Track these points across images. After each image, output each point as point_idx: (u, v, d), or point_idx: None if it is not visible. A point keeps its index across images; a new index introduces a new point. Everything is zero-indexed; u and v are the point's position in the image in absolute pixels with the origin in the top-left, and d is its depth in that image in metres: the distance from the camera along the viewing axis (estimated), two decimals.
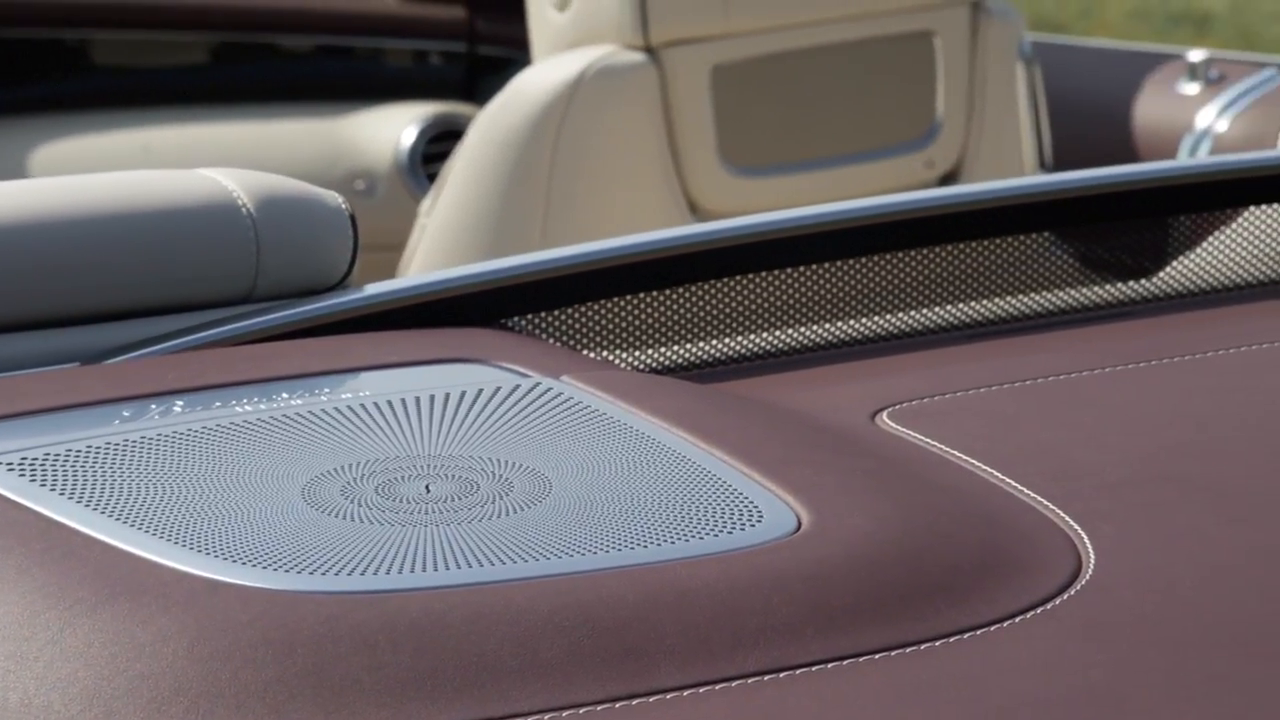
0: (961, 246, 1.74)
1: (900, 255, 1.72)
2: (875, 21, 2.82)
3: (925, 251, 1.73)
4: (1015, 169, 2.88)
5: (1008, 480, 1.31)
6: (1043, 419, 1.42)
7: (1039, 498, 1.28)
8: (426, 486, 1.23)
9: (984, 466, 1.33)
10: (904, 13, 2.82)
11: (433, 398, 1.36)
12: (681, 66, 2.71)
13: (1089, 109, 2.98)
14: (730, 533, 1.19)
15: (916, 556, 1.18)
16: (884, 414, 1.42)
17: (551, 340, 1.64)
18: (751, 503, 1.23)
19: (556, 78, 2.67)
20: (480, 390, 1.37)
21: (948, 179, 2.89)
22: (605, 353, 1.65)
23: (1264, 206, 1.78)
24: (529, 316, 1.62)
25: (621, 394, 1.38)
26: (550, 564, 1.14)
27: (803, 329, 1.67)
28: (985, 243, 1.75)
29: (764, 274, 1.68)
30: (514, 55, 3.38)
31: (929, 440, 1.37)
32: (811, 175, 2.81)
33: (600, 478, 1.25)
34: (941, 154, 2.87)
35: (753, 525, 1.20)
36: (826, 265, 1.70)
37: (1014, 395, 1.46)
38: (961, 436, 1.38)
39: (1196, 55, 2.92)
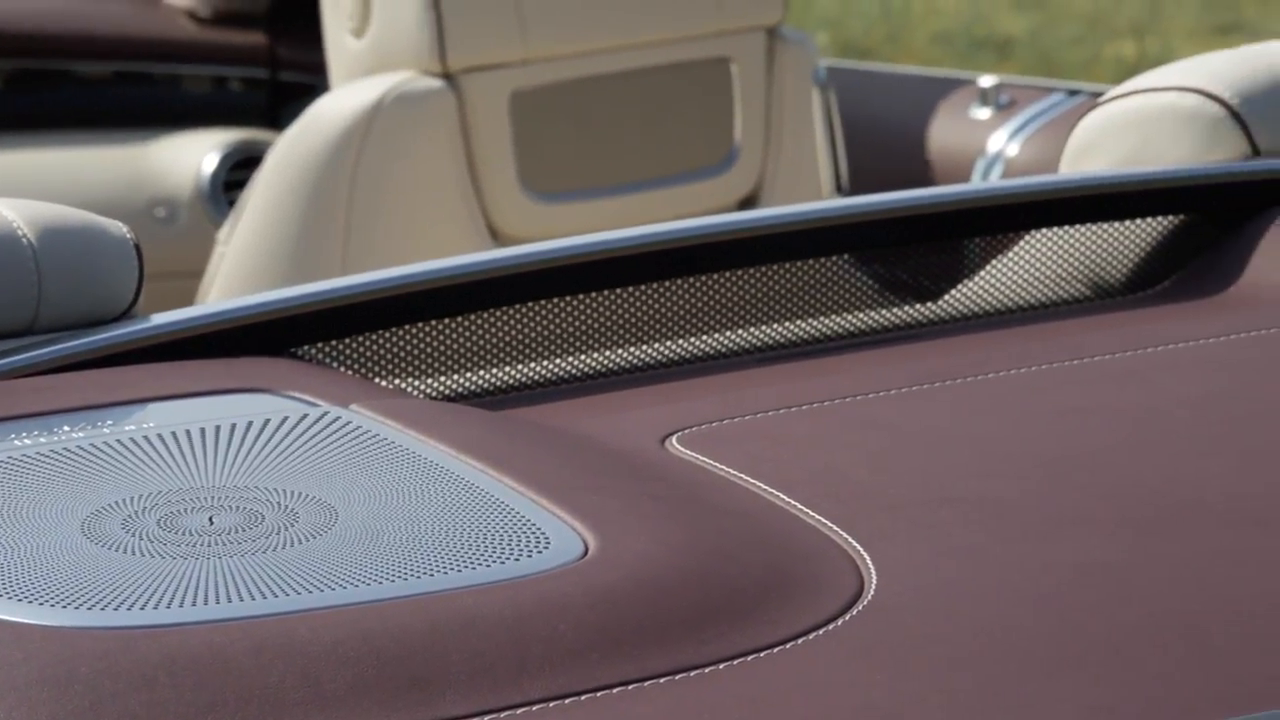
0: (757, 271, 1.76)
1: (697, 279, 1.74)
2: (673, 48, 2.84)
3: (721, 276, 1.74)
4: (812, 193, 2.91)
5: (793, 503, 1.32)
6: (829, 441, 1.44)
7: (823, 519, 1.30)
8: (210, 518, 1.22)
9: (770, 489, 1.34)
10: (701, 39, 2.85)
11: (218, 428, 1.35)
12: (480, 92, 2.71)
13: (884, 133, 3.02)
14: (518, 560, 1.19)
15: (701, 580, 1.19)
16: (674, 438, 1.43)
17: (345, 369, 1.63)
18: (539, 529, 1.23)
19: (354, 104, 2.66)
20: (267, 420, 1.37)
21: (746, 204, 2.91)
22: (400, 381, 1.65)
23: (1047, 230, 1.82)
24: (322, 345, 1.61)
25: (411, 422, 1.38)
26: (335, 594, 1.14)
27: (597, 354, 1.68)
28: (781, 266, 1.77)
29: (561, 299, 1.69)
30: (316, 81, 3.37)
31: (717, 464, 1.39)
32: (612, 201, 2.83)
33: (388, 507, 1.25)
34: (740, 179, 2.90)
35: (540, 552, 1.20)
36: (624, 290, 1.71)
37: (802, 418, 1.48)
38: (749, 460, 1.39)
39: (987, 80, 2.97)
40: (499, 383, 1.64)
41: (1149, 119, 1.88)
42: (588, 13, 2.78)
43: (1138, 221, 1.83)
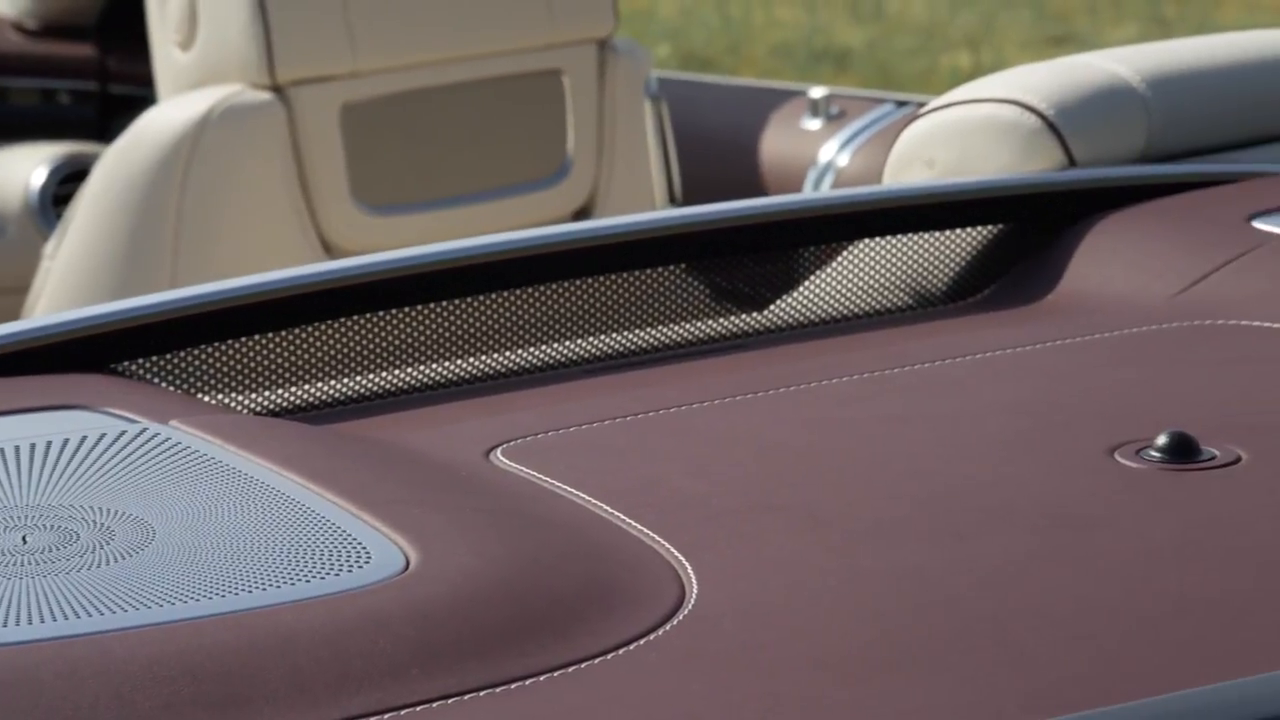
0: (590, 281, 1.76)
1: (529, 291, 1.74)
2: (504, 60, 2.84)
3: (554, 287, 1.75)
4: (645, 204, 2.92)
5: (616, 513, 1.33)
6: (653, 452, 1.45)
7: (646, 530, 1.30)
8: (23, 537, 1.21)
9: (593, 500, 1.35)
10: (532, 51, 2.85)
11: (33, 446, 1.33)
12: (310, 105, 2.70)
13: (717, 144, 3.04)
14: (338, 575, 1.19)
15: (522, 592, 1.19)
16: (498, 451, 1.43)
17: (168, 385, 1.62)
18: (360, 544, 1.23)
19: (181, 117, 2.64)
20: (84, 437, 1.35)
21: (579, 215, 2.92)
22: (225, 396, 1.63)
23: (872, 239, 1.83)
24: (144, 361, 1.60)
25: (232, 438, 1.37)
26: (151, 613, 1.13)
27: (425, 367, 1.68)
28: (614, 277, 1.77)
29: (390, 312, 1.68)
30: (147, 94, 3.34)
31: (540, 476, 1.39)
32: (445, 213, 2.82)
33: (206, 524, 1.24)
34: (573, 191, 2.91)
35: (361, 566, 1.20)
36: (454, 302, 1.70)
37: (626, 429, 1.49)
38: (572, 471, 1.40)
39: (818, 92, 2.99)
40: (325, 397, 1.63)
41: (968, 130, 1.91)
42: (417, 26, 2.78)
43: (958, 231, 1.85)
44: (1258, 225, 1.74)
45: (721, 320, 1.78)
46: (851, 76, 7.09)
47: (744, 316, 1.80)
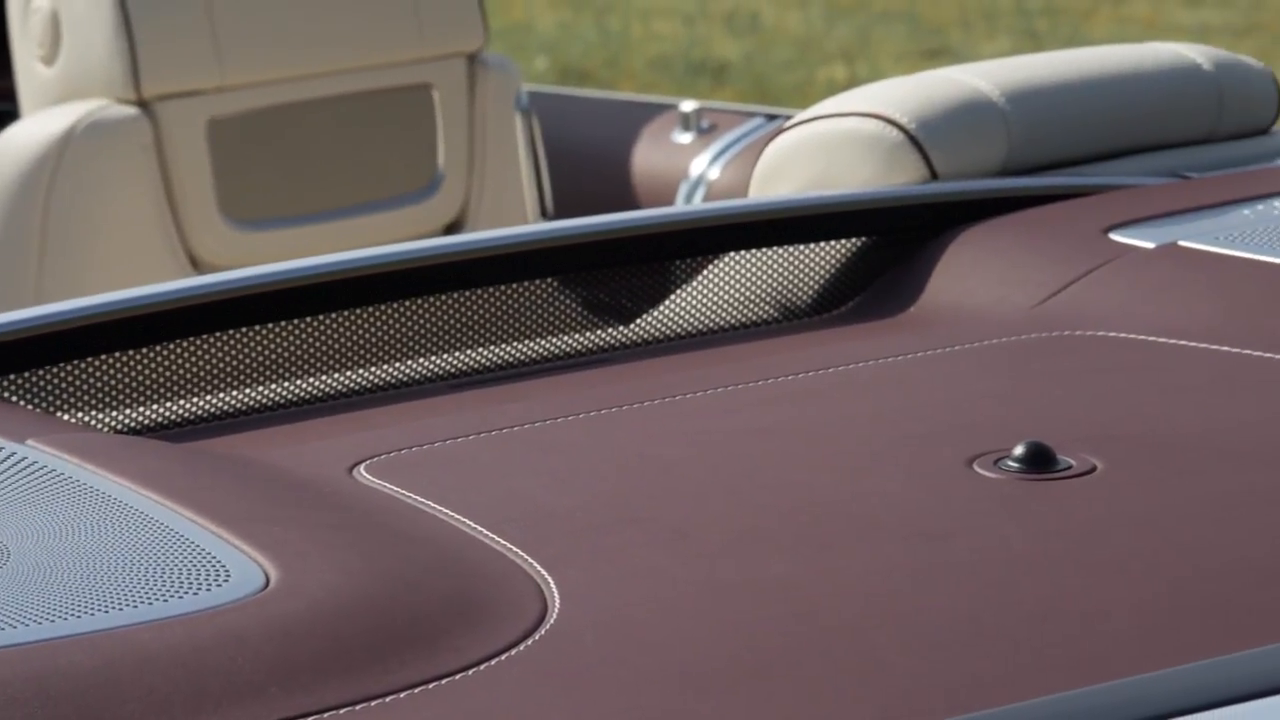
0: (460, 296, 1.76)
1: (399, 305, 1.73)
2: (373, 74, 2.83)
3: (424, 301, 1.74)
4: (517, 218, 2.92)
5: (479, 528, 1.33)
6: (517, 466, 1.45)
7: (509, 544, 1.31)
8: None
9: (457, 515, 1.35)
10: (402, 66, 2.85)
11: None
12: (176, 120, 2.68)
13: (588, 158, 3.05)
14: (197, 593, 1.18)
15: (383, 608, 1.19)
16: (361, 467, 1.43)
17: (26, 404, 1.60)
18: (219, 562, 1.22)
19: (45, 133, 2.62)
20: None
21: (451, 229, 2.92)
22: (86, 414, 1.62)
23: (740, 252, 1.84)
24: (2, 379, 1.58)
25: (90, 457, 1.36)
26: (4, 635, 1.12)
27: (290, 383, 1.67)
28: (486, 291, 1.77)
29: (255, 328, 1.67)
30: (10, 109, 3.30)
31: (404, 491, 1.39)
32: (315, 228, 2.81)
33: (63, 544, 1.23)
34: (444, 205, 2.90)
35: (220, 585, 1.19)
36: (322, 317, 1.70)
37: (491, 444, 1.49)
38: (436, 486, 1.40)
39: (689, 105, 3.00)
40: (190, 414, 1.62)
41: (832, 144, 1.92)
42: (285, 39, 2.77)
43: (823, 244, 1.86)
44: (1114, 237, 1.77)
45: (591, 334, 1.79)
46: (729, 89, 7.12)
47: (613, 330, 1.80)
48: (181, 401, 1.63)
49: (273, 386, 1.66)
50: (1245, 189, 1.86)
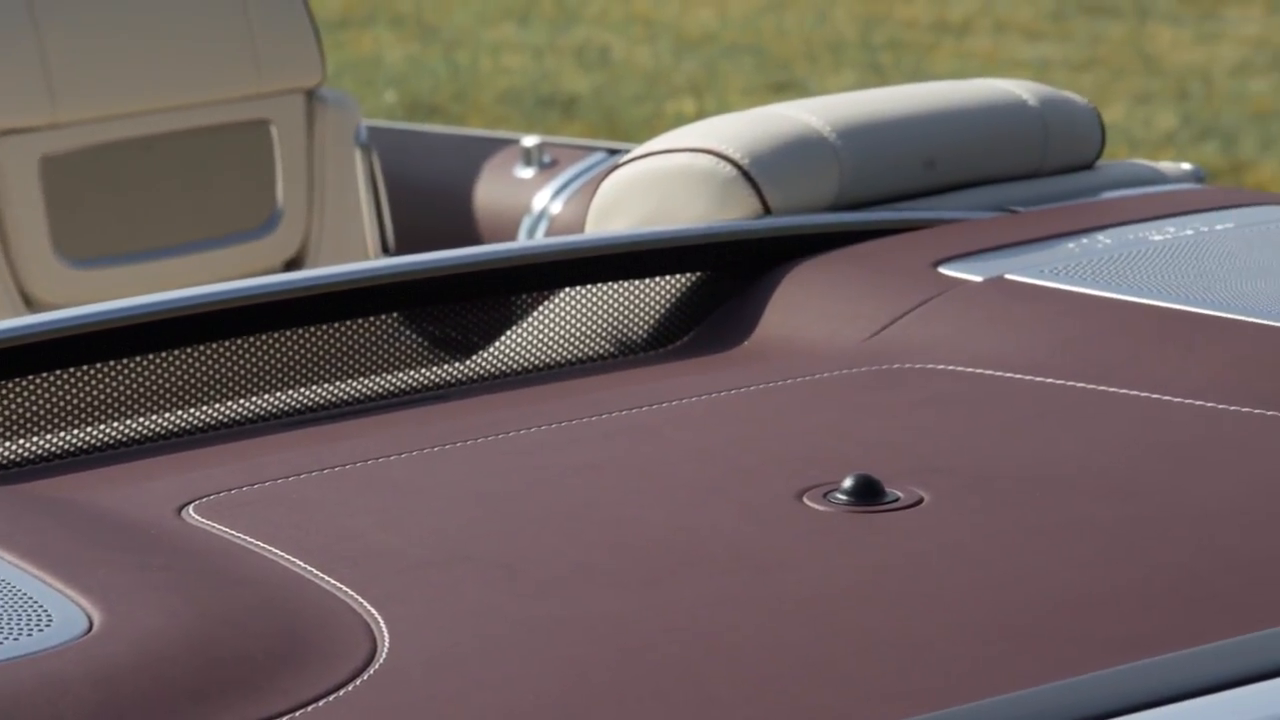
0: (299, 332, 1.75)
1: (237, 343, 1.72)
2: (210, 110, 2.82)
3: (262, 338, 1.73)
4: (358, 254, 2.91)
5: (308, 568, 1.32)
6: (348, 505, 1.44)
7: (338, 584, 1.30)
8: None
9: (286, 555, 1.34)
10: (239, 102, 2.83)
11: None
12: (8, 157, 2.65)
13: (431, 194, 3.04)
14: (17, 638, 1.17)
15: (208, 650, 1.18)
16: (190, 508, 1.42)
17: None
18: (41, 606, 1.21)
19: None
20: None
21: (291, 266, 2.90)
22: None
23: (578, 288, 1.85)
24: None
25: None
26: None
27: (119, 423, 1.65)
28: (324, 328, 1.76)
29: (84, 368, 1.65)
30: None
31: (233, 532, 1.38)
32: (152, 265, 2.79)
33: None
34: (284, 241, 2.89)
35: (41, 629, 1.18)
36: (155, 356, 1.68)
37: (322, 482, 1.48)
38: (265, 526, 1.39)
39: (530, 140, 3.01)
40: (15, 455, 1.60)
41: (666, 179, 1.93)
42: (119, 76, 2.74)
43: (659, 279, 1.87)
44: (943, 271, 1.79)
45: (430, 370, 1.78)
46: (579, 123, 7.14)
47: (452, 366, 1.80)
48: (8, 443, 1.61)
49: (104, 426, 1.64)
50: (1070, 223, 1.89)
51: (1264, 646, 1.20)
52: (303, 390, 1.73)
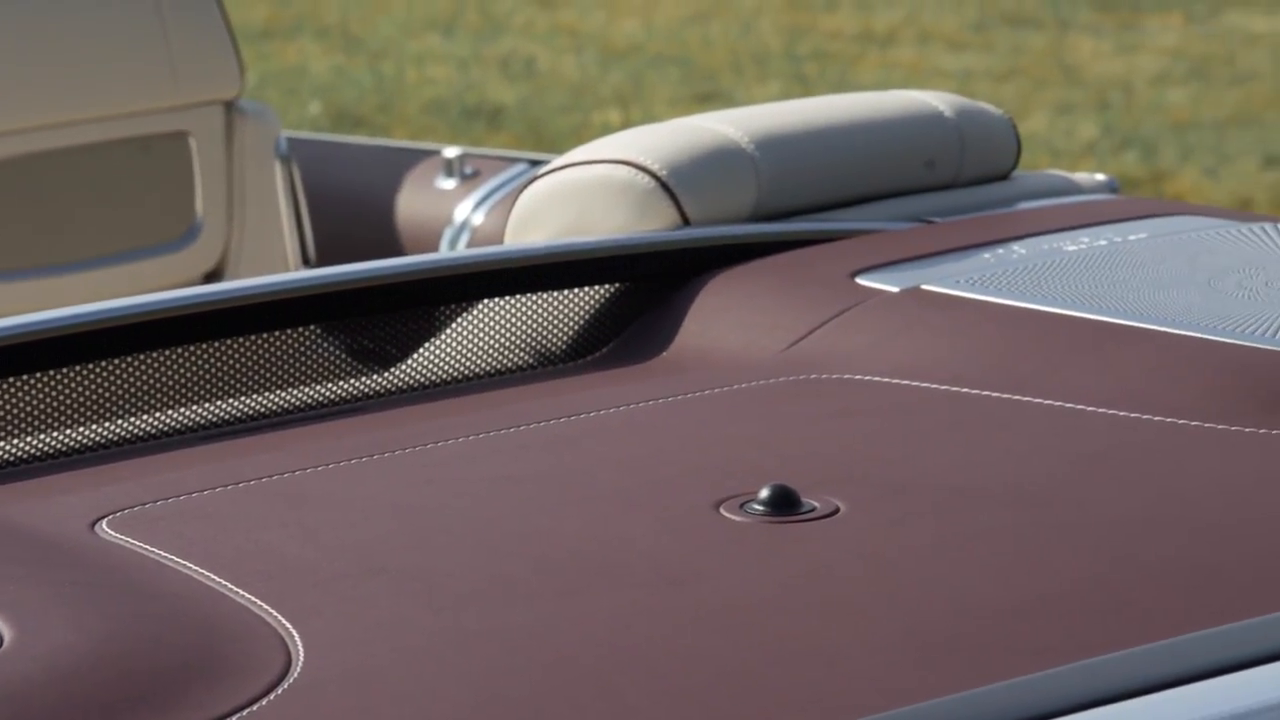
0: (218, 345, 1.74)
1: (155, 355, 1.71)
2: (127, 122, 2.80)
3: (181, 351, 1.72)
4: (279, 265, 2.90)
5: (223, 582, 1.31)
6: (264, 518, 1.44)
7: (253, 598, 1.29)
8: None
9: (199, 570, 1.33)
10: (156, 113, 2.82)
11: None
12: None
13: (352, 205, 3.03)
14: None
15: (122, 666, 1.17)
16: (104, 522, 1.41)
17: None
18: None
19: None
20: None
21: (211, 278, 2.89)
22: None
23: (498, 299, 1.85)
24: None
25: None
26: None
27: (32, 437, 1.64)
28: (243, 340, 1.75)
29: None
30: None
31: (147, 547, 1.37)
32: (69, 278, 2.77)
33: None
34: (203, 254, 2.87)
35: None
36: (72, 369, 1.67)
37: (238, 496, 1.47)
38: (180, 540, 1.38)
39: (452, 152, 3.00)
40: None
41: (585, 190, 1.93)
42: (34, 88, 2.73)
43: (578, 290, 1.87)
44: (860, 281, 1.80)
45: (349, 382, 1.78)
46: (505, 133, 7.14)
47: (371, 378, 1.79)
48: None
49: (16, 441, 1.63)
50: (986, 233, 1.90)
51: (1173, 654, 1.20)
52: (220, 403, 1.72)
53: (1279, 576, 1.32)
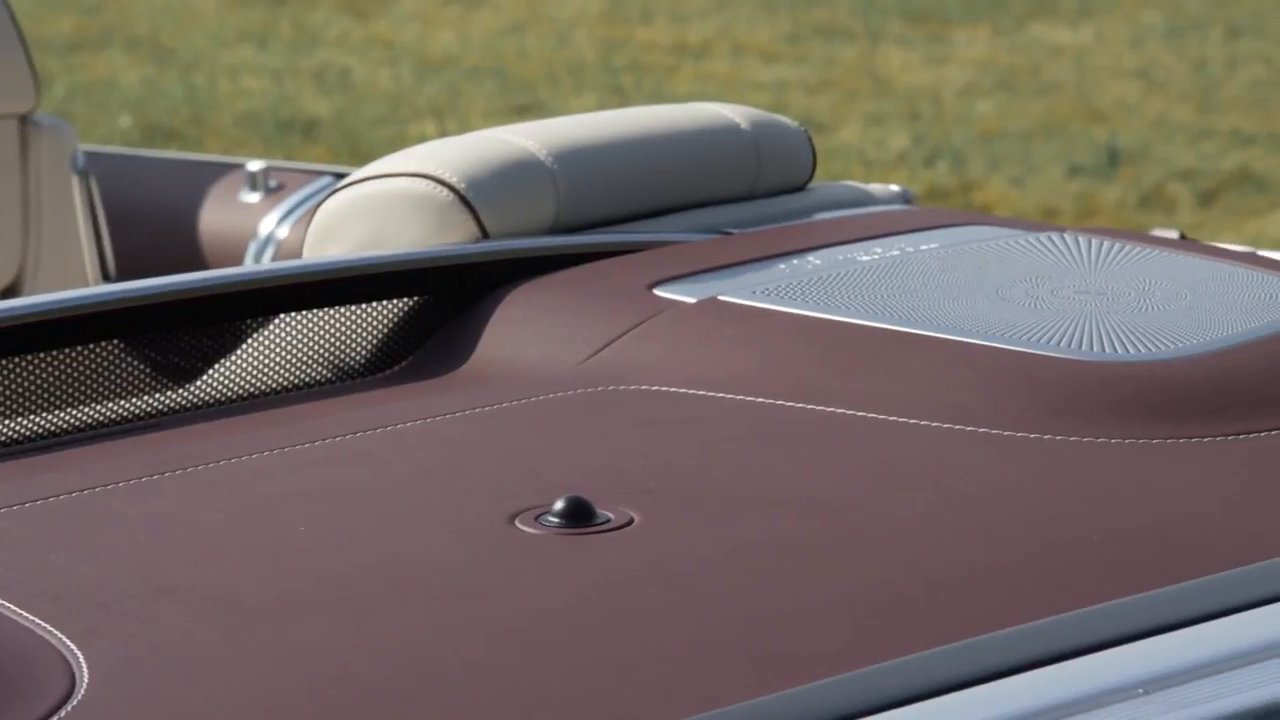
0: (13, 361, 1.71)
1: None
2: None
3: None
4: (77, 280, 2.86)
5: (5, 604, 1.29)
6: (50, 539, 1.41)
7: (36, 619, 1.27)
8: None
9: None
10: None
11: None
12: None
13: (156, 220, 3.00)
14: None
15: None
16: None
17: None
18: None
19: None
20: None
21: (6, 294, 2.84)
22: None
23: (297, 313, 1.83)
24: None
25: None
26: None
27: None
28: (38, 357, 1.73)
29: None
30: None
31: None
32: None
33: None
34: (3, 267, 2.82)
35: None
36: None
37: (23, 516, 1.45)
38: None
39: (255, 165, 2.98)
40: None
41: (383, 204, 1.92)
42: None
43: (377, 304, 1.86)
44: (658, 293, 1.80)
45: (147, 398, 1.75)
46: (320, 146, 7.09)
47: (169, 393, 1.77)
48: None
49: None
50: (783, 244, 1.92)
51: (960, 658, 1.22)
52: (12, 421, 1.69)
53: (1063, 579, 1.34)
